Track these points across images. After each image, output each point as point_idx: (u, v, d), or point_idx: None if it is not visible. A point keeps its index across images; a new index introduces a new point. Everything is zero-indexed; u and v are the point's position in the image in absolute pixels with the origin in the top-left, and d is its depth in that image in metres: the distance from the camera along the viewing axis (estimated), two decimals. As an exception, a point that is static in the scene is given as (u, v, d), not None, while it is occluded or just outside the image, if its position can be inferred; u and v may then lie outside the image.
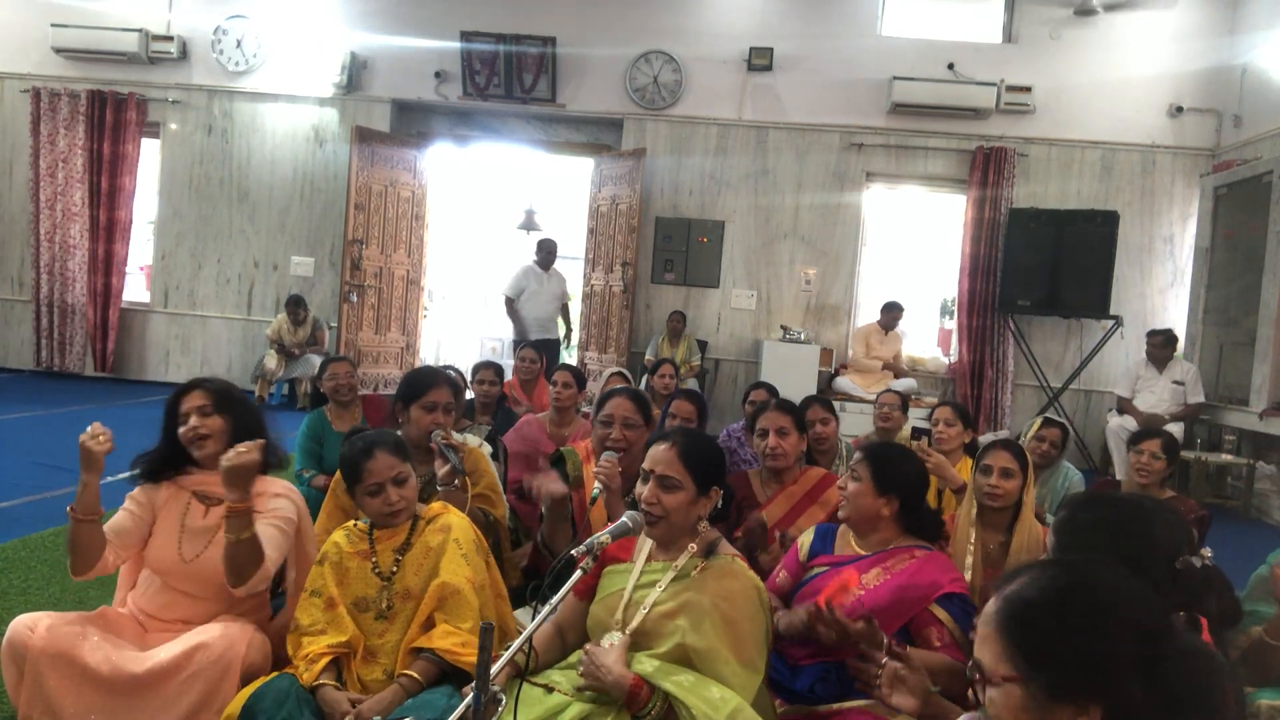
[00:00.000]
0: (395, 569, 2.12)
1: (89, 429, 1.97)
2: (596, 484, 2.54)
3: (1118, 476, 5.73)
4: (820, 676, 2.10)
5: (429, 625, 2.08)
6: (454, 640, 2.01)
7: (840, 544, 2.31)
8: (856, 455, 2.30)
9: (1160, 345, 6.64)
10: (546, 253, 7.60)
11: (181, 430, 2.15)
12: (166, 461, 2.20)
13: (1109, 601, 1.04)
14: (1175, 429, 6.24)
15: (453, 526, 2.20)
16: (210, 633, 1.99)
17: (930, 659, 1.95)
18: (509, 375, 5.72)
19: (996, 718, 1.06)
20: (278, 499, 2.19)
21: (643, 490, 1.95)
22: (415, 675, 1.98)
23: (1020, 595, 1.07)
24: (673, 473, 1.93)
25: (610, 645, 1.85)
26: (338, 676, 2.03)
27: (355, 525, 2.23)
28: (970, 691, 1.12)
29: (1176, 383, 6.57)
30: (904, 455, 2.33)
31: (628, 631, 1.89)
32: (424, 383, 2.87)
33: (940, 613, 2.06)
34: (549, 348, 7.17)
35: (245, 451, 1.98)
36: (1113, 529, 1.55)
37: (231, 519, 1.96)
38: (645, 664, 1.81)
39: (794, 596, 2.26)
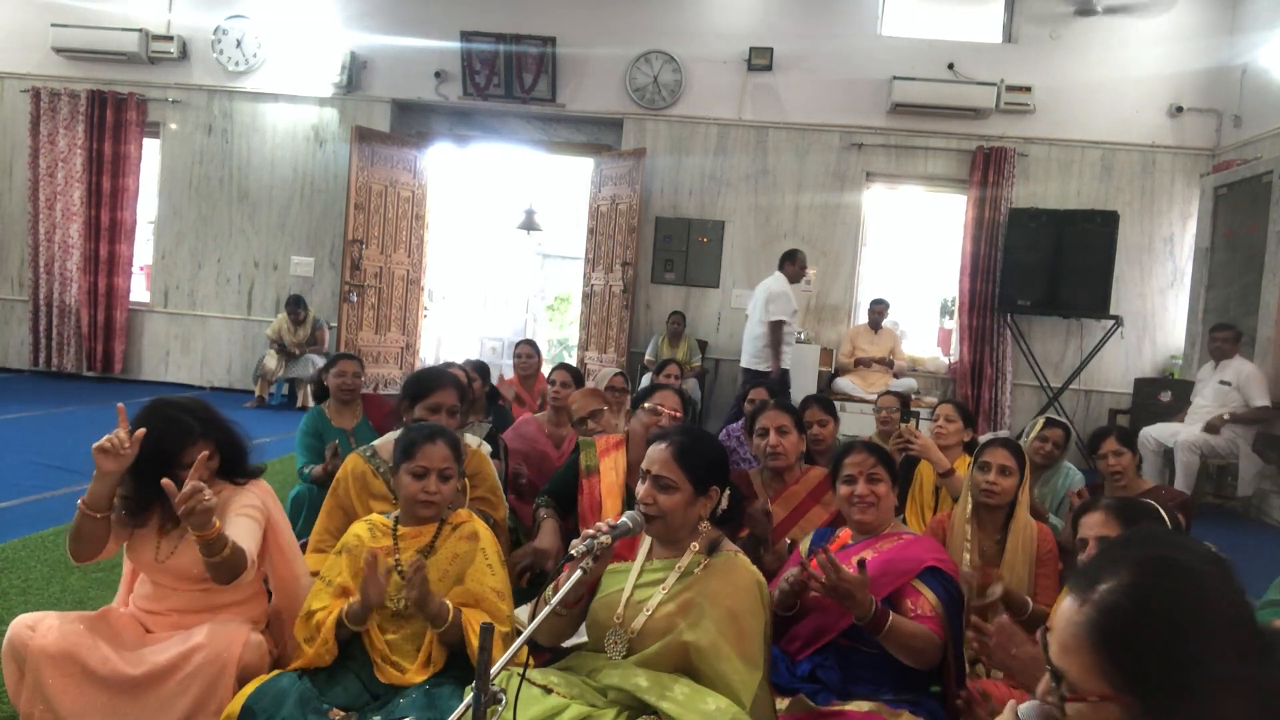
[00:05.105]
0: None
1: (113, 438, 1.92)
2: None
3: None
4: (820, 663, 2.12)
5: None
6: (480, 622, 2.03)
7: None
8: (862, 458, 2.28)
9: (1223, 340, 5.93)
10: (800, 267, 6.66)
11: (168, 481, 1.88)
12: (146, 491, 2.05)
13: (1214, 604, 0.93)
14: (1227, 434, 5.70)
15: (479, 535, 2.20)
16: (205, 633, 2.00)
17: (908, 625, 2.01)
18: (502, 375, 5.71)
19: None
20: (244, 494, 2.15)
21: (640, 489, 1.96)
22: (451, 610, 2.04)
23: (1115, 606, 0.94)
24: (667, 473, 1.92)
25: None
26: (361, 648, 2.06)
27: (379, 520, 2.22)
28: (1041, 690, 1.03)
29: (1224, 383, 5.89)
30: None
31: (630, 632, 1.88)
32: (429, 384, 2.86)
33: (921, 586, 2.10)
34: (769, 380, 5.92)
35: (200, 496, 1.86)
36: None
37: (204, 545, 1.91)
38: (640, 678, 1.79)
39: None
